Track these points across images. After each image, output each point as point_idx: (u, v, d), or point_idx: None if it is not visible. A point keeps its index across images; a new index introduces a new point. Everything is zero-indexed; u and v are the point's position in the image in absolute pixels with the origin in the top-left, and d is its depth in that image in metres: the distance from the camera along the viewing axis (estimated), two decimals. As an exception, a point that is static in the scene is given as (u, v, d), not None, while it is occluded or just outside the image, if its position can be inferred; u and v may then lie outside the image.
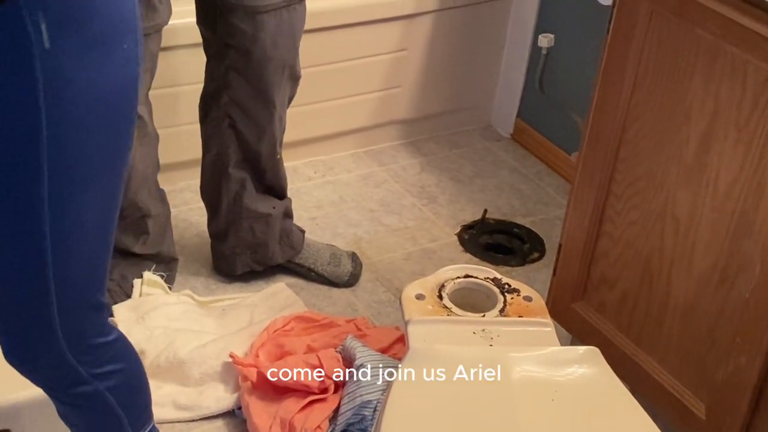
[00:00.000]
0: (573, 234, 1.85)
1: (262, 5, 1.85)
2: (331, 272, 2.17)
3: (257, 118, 1.96)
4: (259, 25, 1.86)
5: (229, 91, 1.94)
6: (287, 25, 1.89)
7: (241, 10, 1.85)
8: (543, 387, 1.47)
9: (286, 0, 1.87)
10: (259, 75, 1.91)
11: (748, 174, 1.51)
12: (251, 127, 1.97)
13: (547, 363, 1.50)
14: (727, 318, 1.58)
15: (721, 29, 1.50)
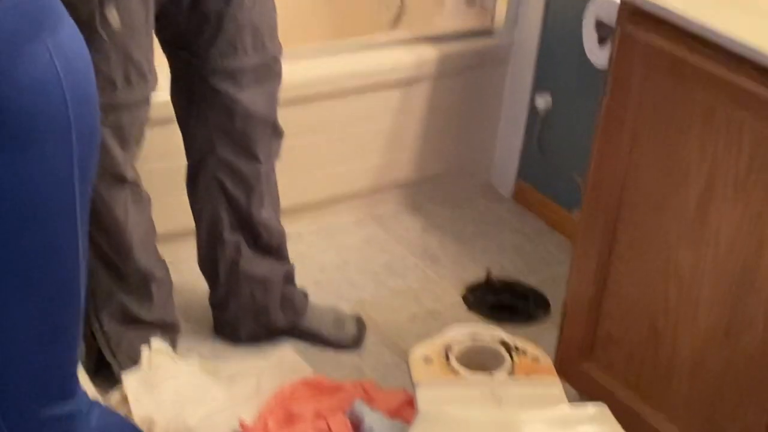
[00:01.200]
0: (577, 293, 1.86)
1: (241, 66, 1.91)
2: (335, 335, 2.18)
3: (245, 176, 2.00)
4: (239, 85, 1.92)
5: (216, 153, 1.99)
6: (265, 83, 1.96)
7: (221, 71, 1.91)
8: (554, 448, 1.47)
9: (263, 60, 1.93)
10: (243, 132, 1.96)
11: (748, 231, 1.53)
12: (240, 187, 2.01)
13: (558, 423, 1.50)
14: (734, 374, 1.59)
15: (715, 89, 1.53)
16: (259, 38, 1.92)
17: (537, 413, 1.51)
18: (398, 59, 2.52)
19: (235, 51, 1.90)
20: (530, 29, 2.62)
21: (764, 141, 1.48)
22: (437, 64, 2.57)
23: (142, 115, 1.85)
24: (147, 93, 1.83)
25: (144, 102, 1.84)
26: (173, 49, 1.94)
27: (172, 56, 1.96)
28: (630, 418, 1.76)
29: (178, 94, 2.00)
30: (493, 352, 1.68)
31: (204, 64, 1.91)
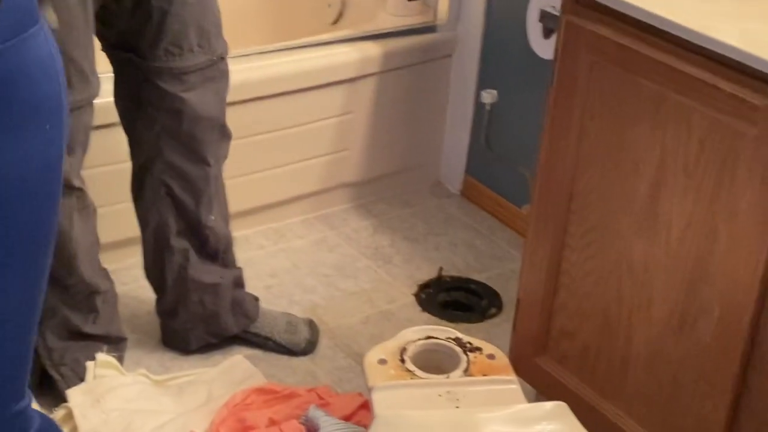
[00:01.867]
0: (530, 288, 1.84)
1: (187, 66, 1.86)
2: (288, 340, 2.14)
3: (193, 179, 1.95)
4: (186, 85, 1.87)
5: (163, 156, 1.93)
6: (212, 83, 1.91)
7: (167, 72, 1.86)
8: (513, 447, 1.45)
9: (210, 59, 1.88)
10: (191, 134, 1.92)
11: (700, 219, 1.52)
12: (188, 191, 1.96)
13: (516, 421, 1.48)
14: (690, 364, 1.58)
15: (663, 77, 1.52)
16: (205, 37, 1.87)
17: (495, 412, 1.49)
18: (341, 57, 2.49)
19: (180, 50, 1.85)
20: (473, 23, 2.60)
21: (713, 128, 1.47)
22: (381, 61, 2.54)
23: (86, 118, 1.79)
24: (90, 95, 1.78)
25: (88, 105, 1.78)
26: (116, 50, 1.89)
27: (115, 58, 1.91)
28: (587, 412, 1.74)
29: (122, 96, 1.95)
30: (449, 351, 1.65)
31: (149, 65, 1.86)
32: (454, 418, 1.48)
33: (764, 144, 1.41)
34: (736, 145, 1.45)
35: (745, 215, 1.45)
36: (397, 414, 1.48)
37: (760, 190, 1.42)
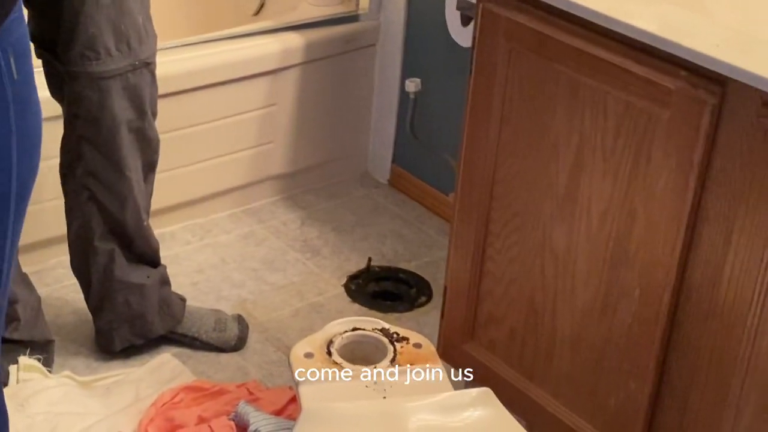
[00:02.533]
0: (457, 275, 1.85)
1: (106, 71, 1.80)
2: (217, 338, 2.11)
3: (116, 187, 1.91)
4: (105, 91, 1.81)
5: (83, 162, 1.88)
6: (134, 89, 1.85)
7: (84, 76, 1.80)
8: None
9: (132, 64, 1.83)
10: (111, 143, 1.86)
11: (618, 202, 1.54)
12: (112, 198, 1.91)
13: (442, 409, 1.49)
14: (614, 345, 1.60)
15: (578, 63, 1.53)
16: (123, 40, 1.80)
17: (422, 401, 1.49)
18: (264, 49, 2.47)
19: (97, 54, 1.79)
20: (395, 13, 2.60)
21: (628, 112, 1.49)
22: (304, 51, 2.52)
23: None
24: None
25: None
26: (38, 47, 1.83)
27: (38, 54, 1.85)
28: (514, 396, 1.76)
29: (54, 94, 1.88)
30: (375, 342, 1.65)
31: (66, 69, 1.80)
32: (382, 409, 1.48)
33: (678, 126, 1.43)
34: (651, 129, 1.47)
35: (661, 197, 1.47)
36: (324, 406, 1.48)
37: (675, 172, 1.44)
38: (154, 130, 1.94)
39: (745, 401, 1.44)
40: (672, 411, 1.55)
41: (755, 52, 1.36)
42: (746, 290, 1.40)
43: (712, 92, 1.38)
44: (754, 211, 1.37)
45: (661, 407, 1.57)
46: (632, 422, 1.59)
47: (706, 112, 1.38)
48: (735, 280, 1.42)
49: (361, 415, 1.47)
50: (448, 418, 1.47)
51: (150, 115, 1.91)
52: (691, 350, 1.50)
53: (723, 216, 1.42)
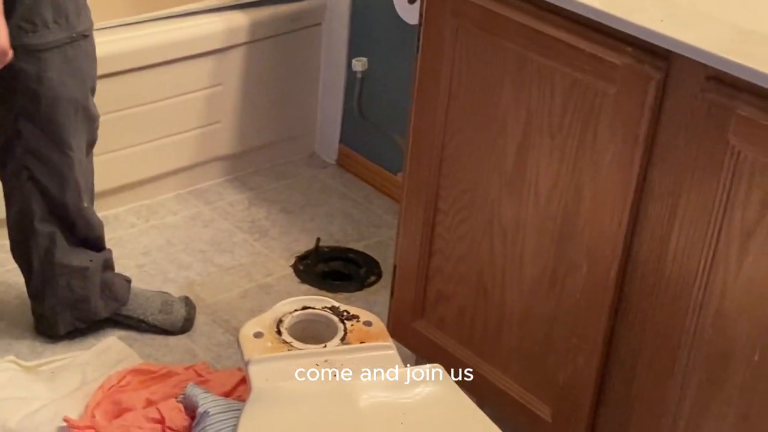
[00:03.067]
0: (406, 254, 1.85)
1: (44, 43, 1.77)
2: (163, 320, 2.09)
3: (56, 166, 1.87)
4: (43, 63, 1.78)
5: (22, 140, 1.84)
6: (74, 62, 1.82)
7: (21, 49, 1.76)
8: (391, 412, 1.45)
9: (69, 36, 1.80)
10: (50, 118, 1.83)
11: (566, 178, 1.55)
12: (52, 177, 1.88)
13: (393, 387, 1.49)
14: (562, 320, 1.62)
15: (525, 39, 1.54)
16: (62, 13, 1.77)
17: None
18: (208, 28, 2.44)
19: (34, 26, 1.75)
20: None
21: (575, 88, 1.49)
22: (249, 30, 2.50)
23: None
24: None
25: None
26: None
27: None
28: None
29: None
30: (325, 321, 1.65)
31: None
32: (332, 387, 1.48)
33: (624, 102, 1.44)
34: (597, 104, 1.48)
35: (607, 172, 1.48)
36: (274, 386, 1.47)
37: (621, 147, 1.46)
38: (95, 107, 1.90)
39: (691, 372, 1.46)
40: (620, 383, 1.57)
41: (699, 26, 1.38)
42: (691, 263, 1.42)
43: (657, 67, 1.39)
44: (698, 185, 1.39)
45: (609, 380, 1.59)
46: (581, 395, 1.61)
47: (651, 87, 1.40)
48: (680, 253, 1.43)
49: (312, 394, 1.47)
50: (399, 395, 1.47)
51: (89, 91, 1.88)
52: (638, 323, 1.52)
53: (668, 190, 1.44)
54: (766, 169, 1.30)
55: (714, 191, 1.37)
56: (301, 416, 1.43)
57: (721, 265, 1.39)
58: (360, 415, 1.45)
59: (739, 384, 1.41)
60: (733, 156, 1.33)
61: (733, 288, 1.38)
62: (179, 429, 1.77)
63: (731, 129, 1.33)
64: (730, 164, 1.34)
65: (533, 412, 1.69)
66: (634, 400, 1.55)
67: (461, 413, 1.47)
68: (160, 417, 1.77)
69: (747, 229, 1.35)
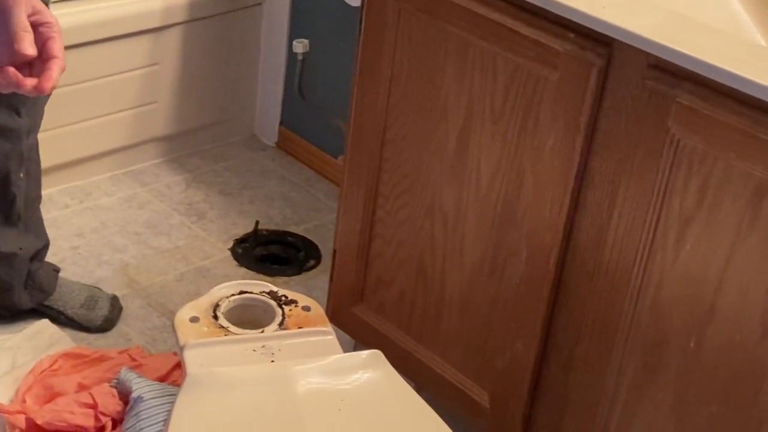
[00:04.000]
0: (346, 238, 1.83)
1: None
2: (82, 315, 2.03)
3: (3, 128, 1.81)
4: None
5: None
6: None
7: None
8: (329, 397, 1.44)
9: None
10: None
11: (507, 164, 1.54)
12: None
13: (331, 372, 1.47)
14: (501, 306, 1.62)
15: (468, 24, 1.52)
16: None
17: (311, 364, 1.48)
18: (145, 5, 2.39)
19: None
20: (283, -29, 2.55)
21: (517, 73, 1.49)
22: (187, 9, 2.45)
23: None
24: None
25: None
26: None
27: None
28: (404, 358, 1.76)
29: None
30: (263, 306, 1.62)
31: None
32: (269, 373, 1.46)
33: (566, 88, 1.43)
34: (539, 90, 1.47)
35: (549, 158, 1.48)
36: (209, 372, 1.44)
37: (563, 134, 1.45)
38: None
39: (628, 359, 1.47)
40: (557, 370, 1.58)
41: (641, 13, 1.38)
42: (630, 251, 1.43)
43: (600, 54, 1.39)
44: (638, 173, 1.39)
45: (547, 366, 1.59)
46: (519, 381, 1.61)
47: (593, 74, 1.40)
48: (619, 241, 1.44)
49: (248, 380, 1.45)
50: (338, 381, 1.46)
51: None
52: (577, 310, 1.52)
53: (608, 178, 1.44)
54: (705, 157, 1.31)
55: (653, 179, 1.37)
56: (236, 402, 1.41)
57: (658, 252, 1.40)
58: (297, 401, 1.43)
59: (674, 371, 1.42)
60: (672, 144, 1.34)
61: (670, 276, 1.39)
62: (112, 414, 1.74)
63: (671, 117, 1.33)
64: (670, 152, 1.35)
65: (471, 398, 1.69)
66: (571, 386, 1.56)
67: (400, 399, 1.46)
68: (92, 402, 1.74)
69: (685, 217, 1.36)
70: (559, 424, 1.59)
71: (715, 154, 1.30)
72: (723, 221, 1.32)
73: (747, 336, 1.33)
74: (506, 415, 1.65)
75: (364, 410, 1.44)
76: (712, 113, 1.29)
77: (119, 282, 2.17)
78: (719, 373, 1.37)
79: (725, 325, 1.35)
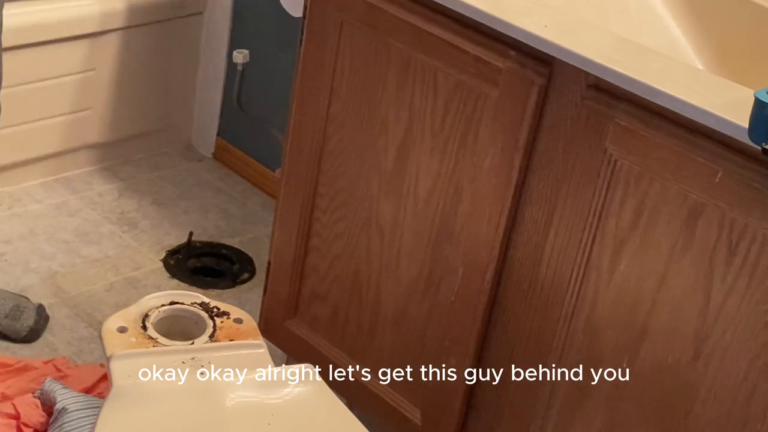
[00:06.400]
0: (281, 251, 1.81)
1: None
2: (7, 325, 1.97)
3: None
4: None
5: None
6: None
7: None
8: (259, 412, 1.41)
9: None
10: None
11: (445, 179, 1.54)
12: None
13: (262, 387, 1.44)
14: (435, 322, 1.61)
15: (410, 38, 1.52)
16: None
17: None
18: (83, 10, 2.35)
19: None
20: (225, -20, 2.53)
21: (458, 89, 1.49)
22: (126, 16, 2.42)
23: None
24: None
25: None
26: None
27: None
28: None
29: None
30: (194, 317, 1.59)
31: None
32: (198, 386, 1.42)
33: (505, 106, 1.43)
34: (479, 107, 1.47)
35: (487, 175, 1.48)
36: (136, 383, 1.41)
37: (501, 150, 1.45)
38: None
39: (561, 378, 1.47)
40: (490, 388, 1.57)
41: (582, 34, 1.39)
42: (565, 270, 1.43)
43: (540, 73, 1.39)
44: (575, 192, 1.40)
45: (480, 384, 1.58)
46: (451, 398, 1.60)
47: (533, 93, 1.40)
48: (555, 259, 1.44)
49: (176, 393, 1.41)
50: (268, 395, 1.43)
51: None
52: (511, 328, 1.52)
53: (545, 197, 1.44)
54: (641, 177, 1.32)
55: (590, 199, 1.38)
56: (163, 415, 1.38)
57: (593, 272, 1.40)
58: (226, 415, 1.40)
59: (606, 391, 1.42)
60: (609, 164, 1.35)
61: (605, 296, 1.40)
62: (35, 425, 1.69)
63: (609, 137, 1.34)
64: (607, 172, 1.35)
65: (403, 415, 1.68)
66: (504, 405, 1.55)
67: (331, 414, 1.44)
68: (15, 412, 1.69)
69: (620, 238, 1.36)
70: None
71: (652, 175, 1.31)
72: (657, 242, 1.33)
73: (679, 357, 1.34)
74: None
75: (294, 425, 1.41)
76: (649, 134, 1.30)
77: (46, 290, 2.12)
78: (651, 394, 1.38)
79: (657, 345, 1.36)
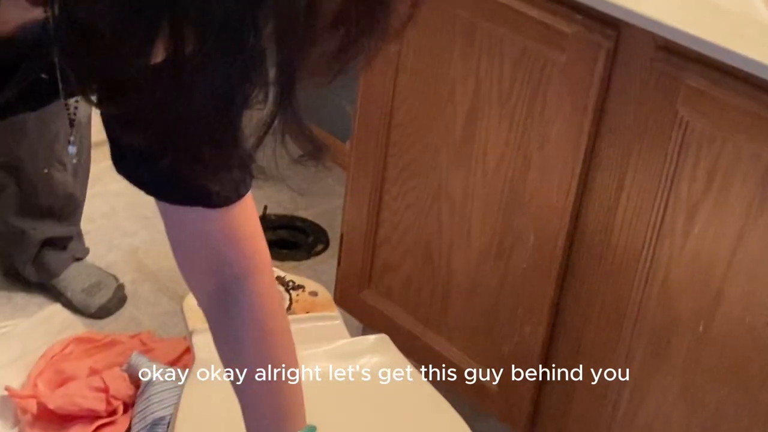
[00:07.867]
0: (353, 223, 1.83)
1: None
2: (80, 301, 2.04)
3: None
4: None
5: None
6: None
7: None
8: (335, 382, 1.44)
9: None
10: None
11: (514, 148, 1.54)
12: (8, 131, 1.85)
13: (339, 357, 1.47)
14: (508, 291, 1.61)
15: (474, 6, 1.51)
16: None
17: (318, 349, 1.48)
18: None
19: None
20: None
21: (524, 56, 1.48)
22: None
23: None
24: None
25: None
26: None
27: None
28: (411, 343, 1.76)
29: None
30: (271, 290, 1.62)
31: None
32: (276, 357, 1.45)
33: (573, 71, 1.42)
34: (546, 73, 1.46)
35: (555, 142, 1.47)
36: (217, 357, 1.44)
37: (570, 117, 1.45)
38: None
39: (636, 344, 1.46)
40: (565, 354, 1.57)
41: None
42: (638, 235, 1.42)
43: (607, 36, 1.37)
44: (646, 156, 1.38)
45: (554, 350, 1.59)
46: (526, 365, 1.61)
47: (601, 57, 1.38)
48: (627, 224, 1.43)
49: (256, 364, 1.44)
50: (345, 365, 1.46)
51: None
52: (585, 294, 1.52)
53: (616, 162, 1.43)
54: (713, 140, 1.30)
55: (662, 162, 1.36)
56: (244, 387, 1.41)
57: (667, 237, 1.39)
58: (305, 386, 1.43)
59: (683, 356, 1.41)
60: (681, 127, 1.33)
61: (679, 260, 1.38)
62: (123, 398, 1.75)
63: (680, 100, 1.32)
64: (678, 135, 1.34)
65: (479, 382, 1.69)
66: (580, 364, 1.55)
67: (407, 383, 1.46)
68: (104, 386, 1.74)
69: (693, 201, 1.35)
70: (567, 408, 1.58)
71: (724, 136, 1.29)
72: (732, 204, 1.31)
73: (756, 319, 1.32)
74: (514, 399, 1.65)
75: (371, 394, 1.44)
76: (721, 95, 1.28)
77: (129, 266, 2.18)
78: (728, 356, 1.36)
79: (734, 308, 1.34)
